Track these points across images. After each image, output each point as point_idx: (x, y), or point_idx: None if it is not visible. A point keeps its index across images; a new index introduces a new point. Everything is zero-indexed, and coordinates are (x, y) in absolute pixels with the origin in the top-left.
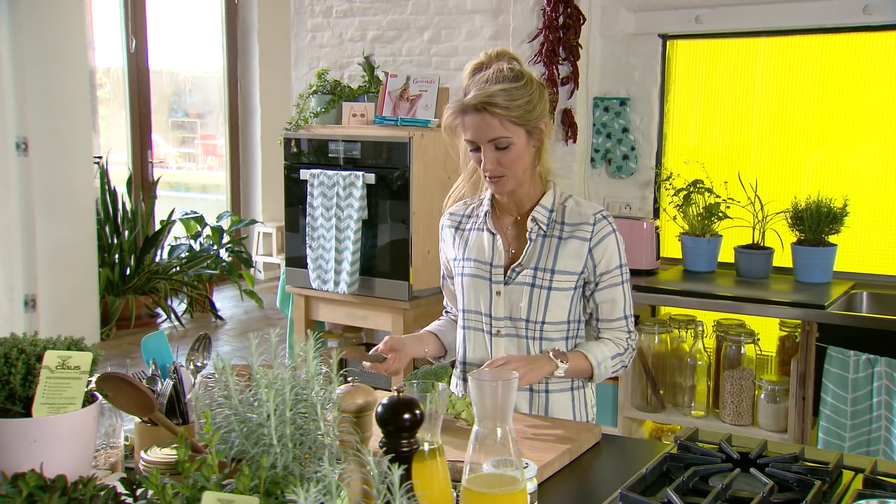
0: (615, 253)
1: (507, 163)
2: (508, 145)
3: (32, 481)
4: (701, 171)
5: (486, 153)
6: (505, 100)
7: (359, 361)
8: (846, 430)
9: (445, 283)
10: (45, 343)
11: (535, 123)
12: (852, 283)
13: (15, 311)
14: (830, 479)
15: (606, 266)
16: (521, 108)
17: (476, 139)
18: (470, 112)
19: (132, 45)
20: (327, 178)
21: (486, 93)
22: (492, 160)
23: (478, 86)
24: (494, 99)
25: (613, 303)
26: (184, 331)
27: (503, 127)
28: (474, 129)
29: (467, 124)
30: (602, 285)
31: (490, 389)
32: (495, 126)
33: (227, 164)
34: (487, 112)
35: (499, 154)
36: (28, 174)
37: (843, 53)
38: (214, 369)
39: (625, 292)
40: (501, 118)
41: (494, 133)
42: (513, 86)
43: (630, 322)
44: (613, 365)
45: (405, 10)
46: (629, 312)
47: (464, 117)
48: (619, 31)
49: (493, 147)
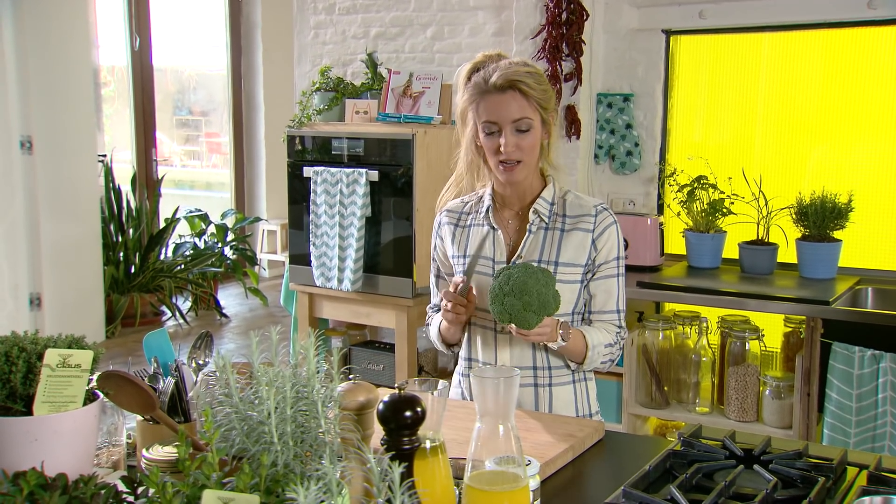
0: (615, 244)
1: (526, 147)
2: (529, 128)
3: (33, 480)
4: (705, 166)
5: (507, 136)
6: (532, 81)
7: (363, 359)
8: (851, 426)
9: (439, 280)
10: (45, 341)
11: (549, 114)
12: (857, 278)
13: (20, 310)
14: (834, 476)
15: (606, 256)
16: (544, 92)
17: (500, 119)
18: (493, 93)
19: (136, 43)
20: (331, 176)
21: (514, 72)
22: (512, 143)
23: (502, 69)
24: (523, 78)
25: (608, 294)
26: (188, 328)
27: (529, 107)
28: (499, 109)
29: (489, 105)
30: (599, 275)
31: (492, 386)
32: (522, 105)
33: (232, 161)
34: (516, 90)
35: (519, 138)
36: (32, 172)
37: (848, 48)
38: (215, 367)
39: (619, 285)
40: (529, 98)
41: (519, 113)
42: (535, 70)
43: (622, 317)
44: (604, 354)
45: (408, 7)
46: (622, 307)
47: (484, 99)
48: (623, 27)
49: (515, 129)
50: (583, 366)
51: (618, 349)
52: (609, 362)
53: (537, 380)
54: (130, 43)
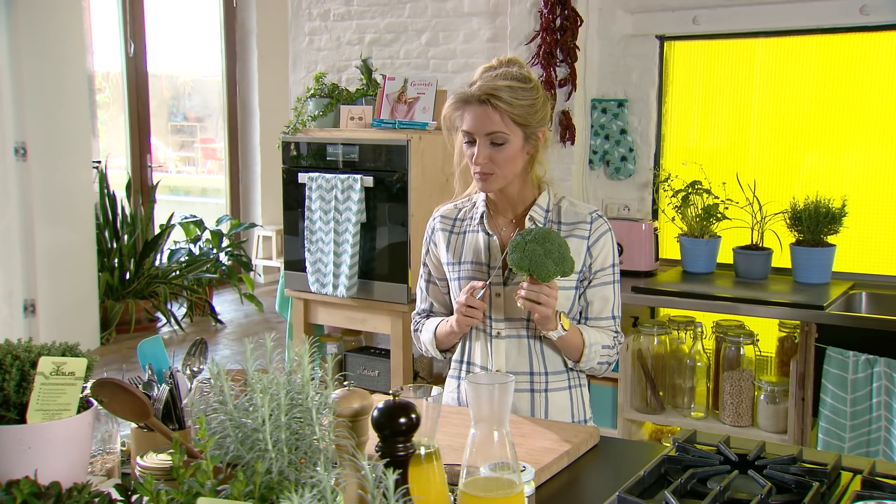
0: (610, 251)
1: (499, 161)
2: (504, 142)
3: (27, 488)
4: (699, 172)
5: (480, 147)
6: (509, 96)
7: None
8: (846, 430)
9: (431, 286)
10: (39, 349)
11: (535, 128)
12: (851, 283)
13: (14, 317)
14: (829, 481)
15: (601, 264)
16: (524, 108)
17: (474, 131)
18: (472, 103)
19: (131, 49)
20: (325, 182)
21: (491, 85)
22: (484, 155)
23: (484, 79)
24: (499, 93)
25: (605, 301)
26: (183, 335)
27: (503, 122)
28: (474, 121)
29: (467, 116)
30: (595, 282)
31: (486, 393)
32: (496, 120)
33: (227, 167)
34: (490, 105)
35: (493, 150)
36: (27, 179)
37: (841, 54)
38: (210, 374)
39: (615, 292)
40: (503, 113)
41: (493, 127)
42: (519, 85)
43: (617, 323)
44: (601, 356)
45: (403, 13)
46: (617, 314)
47: (465, 108)
48: (617, 33)
49: (489, 142)
50: (579, 363)
51: (615, 353)
52: (606, 365)
53: (533, 385)
54: (125, 49)
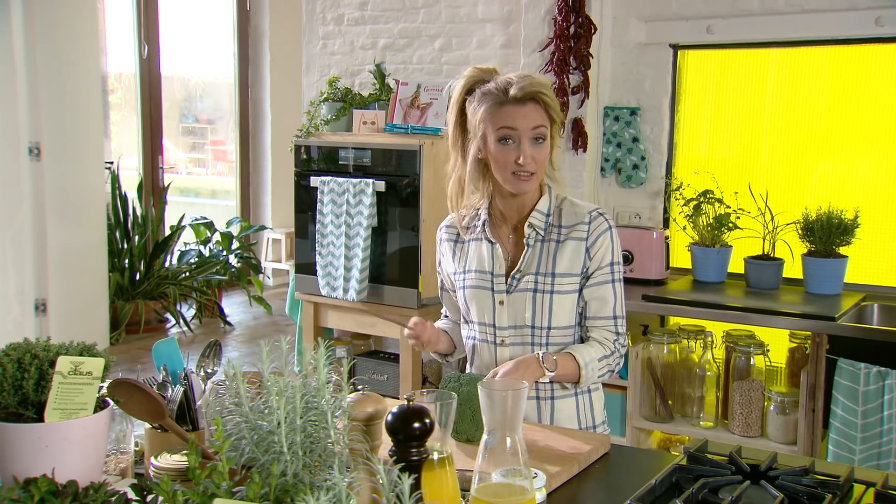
0: (609, 250)
1: (539, 159)
2: (545, 138)
3: (44, 486)
4: (711, 181)
5: (525, 147)
6: (551, 92)
7: (368, 369)
8: (856, 442)
9: (444, 294)
10: (57, 348)
11: (558, 127)
12: (863, 294)
13: (25, 316)
14: (841, 493)
15: (599, 263)
16: (557, 104)
17: (521, 127)
18: (511, 104)
19: (145, 50)
20: (337, 186)
21: (536, 82)
22: (530, 154)
23: (519, 81)
24: (544, 90)
25: (603, 300)
26: (192, 336)
27: (548, 117)
28: (520, 118)
29: (508, 116)
30: (592, 282)
31: (500, 399)
32: (542, 116)
33: (237, 170)
34: (537, 101)
35: (535, 150)
36: (40, 179)
37: (855, 65)
38: (225, 376)
39: (616, 291)
40: (548, 108)
41: (539, 121)
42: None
43: (619, 324)
44: (601, 368)
45: (416, 19)
46: (619, 313)
47: (503, 109)
48: (630, 41)
49: (533, 140)
50: (580, 385)
51: (616, 358)
52: (608, 373)
53: (539, 392)
54: (139, 50)
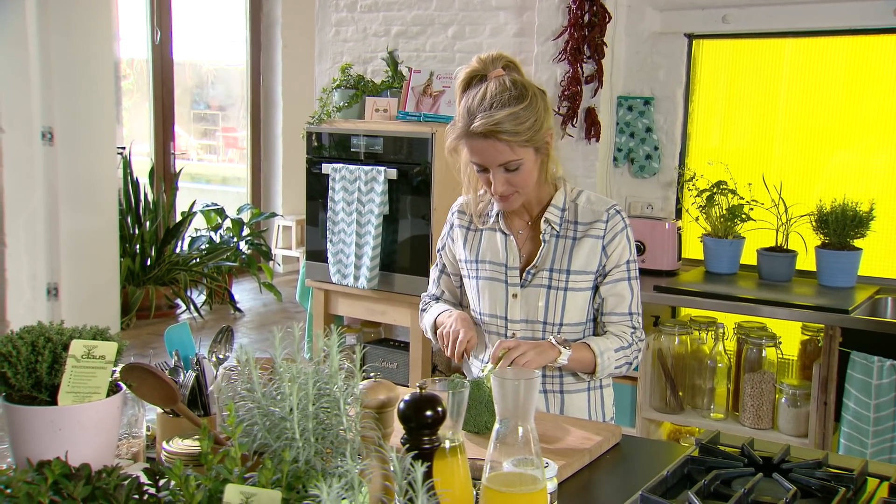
0: (625, 248)
1: (517, 182)
2: (518, 167)
3: (58, 469)
4: (725, 172)
5: (495, 176)
6: (513, 125)
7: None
8: (868, 436)
9: (443, 276)
10: (71, 332)
11: (542, 140)
12: (877, 287)
13: (38, 300)
14: (855, 487)
15: (616, 261)
16: (529, 129)
17: (485, 163)
18: (475, 137)
19: (157, 36)
20: (349, 173)
21: (493, 120)
22: (502, 182)
23: (483, 111)
24: (502, 126)
25: (620, 297)
26: (202, 322)
27: (512, 151)
28: (482, 154)
29: (474, 149)
30: (609, 279)
31: (512, 388)
32: (505, 151)
33: (249, 156)
34: (496, 139)
35: (509, 175)
36: (53, 164)
37: (871, 55)
38: (237, 362)
39: (632, 288)
40: (511, 144)
41: (504, 158)
42: (519, 108)
43: (636, 319)
44: (618, 358)
45: (430, 6)
46: (636, 310)
47: (469, 141)
48: (645, 30)
49: (503, 170)
50: (595, 375)
51: (634, 351)
52: (626, 366)
53: (547, 385)
54: (151, 36)
